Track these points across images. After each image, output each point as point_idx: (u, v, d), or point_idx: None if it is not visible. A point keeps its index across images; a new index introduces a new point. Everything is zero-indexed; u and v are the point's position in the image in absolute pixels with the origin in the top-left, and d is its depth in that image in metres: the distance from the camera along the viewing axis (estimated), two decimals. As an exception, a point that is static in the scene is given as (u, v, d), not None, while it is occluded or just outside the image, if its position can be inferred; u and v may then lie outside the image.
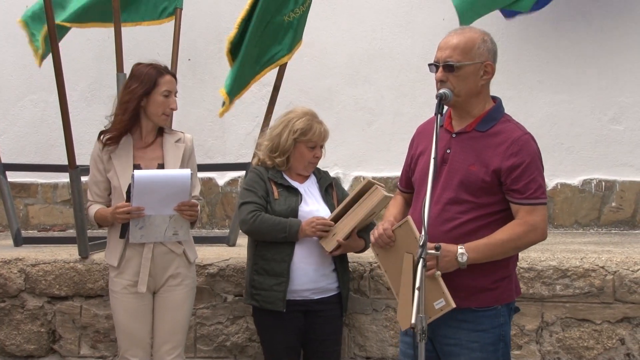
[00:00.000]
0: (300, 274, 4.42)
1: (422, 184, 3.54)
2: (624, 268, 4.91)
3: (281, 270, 4.39)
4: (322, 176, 4.68)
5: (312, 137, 4.49)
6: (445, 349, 3.58)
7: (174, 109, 4.47)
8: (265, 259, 4.44)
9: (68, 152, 5.35)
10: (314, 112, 4.61)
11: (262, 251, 4.46)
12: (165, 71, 4.45)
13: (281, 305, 4.39)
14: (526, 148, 3.51)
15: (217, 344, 5.27)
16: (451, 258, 3.40)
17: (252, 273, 4.49)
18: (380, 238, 3.58)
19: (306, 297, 4.45)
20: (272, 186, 4.49)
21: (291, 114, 4.57)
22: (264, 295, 4.43)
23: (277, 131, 4.54)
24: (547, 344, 4.97)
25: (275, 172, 4.53)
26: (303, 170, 4.58)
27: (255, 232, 4.44)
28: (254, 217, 4.39)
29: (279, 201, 4.46)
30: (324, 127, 4.55)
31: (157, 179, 4.30)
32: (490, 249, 3.46)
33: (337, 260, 4.52)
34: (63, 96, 5.24)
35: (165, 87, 4.39)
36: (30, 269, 5.39)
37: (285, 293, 4.39)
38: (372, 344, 5.12)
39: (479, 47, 3.53)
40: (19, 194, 7.41)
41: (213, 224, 7.30)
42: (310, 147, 4.52)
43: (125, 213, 4.27)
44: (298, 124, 4.50)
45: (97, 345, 5.36)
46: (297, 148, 4.51)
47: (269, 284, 4.41)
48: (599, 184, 6.87)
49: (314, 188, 4.61)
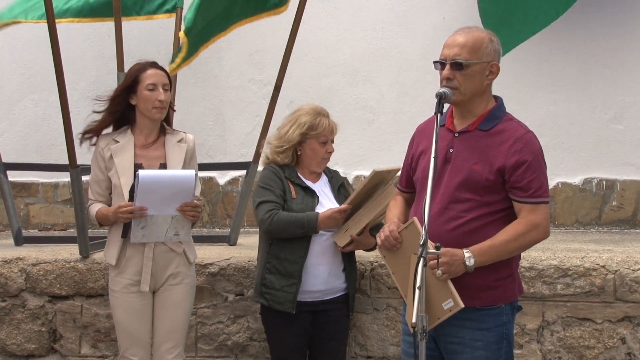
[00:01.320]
0: (312, 276, 4.41)
1: (424, 182, 3.52)
2: (624, 267, 4.91)
3: (293, 271, 4.38)
4: (333, 175, 4.68)
5: (322, 132, 4.48)
6: (449, 347, 3.58)
7: (162, 101, 4.39)
8: (278, 259, 4.42)
9: (69, 151, 5.34)
10: (321, 108, 4.60)
11: (276, 250, 4.44)
12: (150, 66, 4.45)
13: (290, 306, 4.37)
14: (529, 146, 3.52)
15: (218, 343, 5.27)
16: (459, 263, 3.41)
17: (264, 271, 4.46)
18: (387, 240, 3.58)
19: (316, 298, 4.45)
20: (289, 185, 4.48)
21: (299, 111, 4.56)
22: (274, 295, 4.41)
23: (285, 129, 4.54)
24: (548, 343, 4.97)
25: (291, 170, 4.52)
26: (317, 166, 4.56)
27: (274, 230, 4.41)
28: (271, 216, 4.37)
29: (296, 200, 4.44)
30: (331, 121, 4.55)
31: (161, 179, 4.30)
32: (496, 250, 3.47)
33: (345, 259, 4.52)
34: (64, 95, 5.24)
35: (149, 81, 4.38)
36: (31, 269, 5.39)
37: (296, 295, 4.37)
38: (373, 343, 5.12)
39: (486, 46, 3.54)
40: (19, 193, 7.40)
41: (214, 223, 7.30)
42: (322, 142, 4.50)
43: (128, 213, 4.27)
44: (305, 118, 4.49)
45: (98, 344, 5.36)
46: (308, 144, 4.50)
47: (280, 284, 4.40)
48: (599, 183, 6.87)
49: (326, 188, 4.61)
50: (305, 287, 4.40)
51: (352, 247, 4.46)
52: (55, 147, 7.24)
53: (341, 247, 4.43)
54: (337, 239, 4.43)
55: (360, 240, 4.43)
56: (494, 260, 3.48)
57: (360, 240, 4.43)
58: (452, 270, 3.40)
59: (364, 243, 4.48)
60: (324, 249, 4.44)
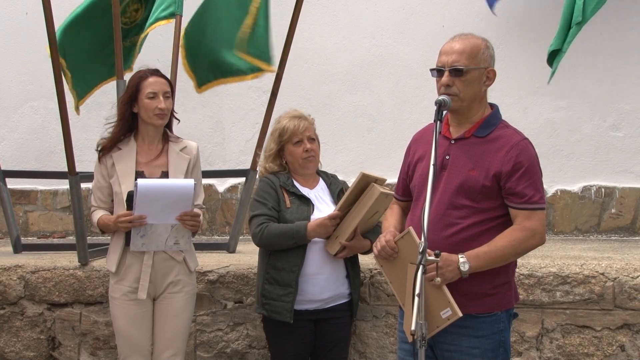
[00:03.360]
0: (312, 285, 4.39)
1: (422, 189, 3.54)
2: (623, 275, 4.91)
3: (290, 281, 4.36)
4: (331, 181, 4.67)
5: (291, 134, 4.47)
6: (446, 355, 3.58)
7: (163, 109, 4.39)
8: (276, 269, 4.41)
9: (68, 158, 5.34)
10: (294, 111, 4.61)
11: (273, 260, 4.43)
12: (150, 74, 4.46)
13: (288, 316, 4.35)
14: (525, 153, 3.53)
15: (217, 351, 5.26)
16: (453, 268, 3.41)
17: (264, 282, 4.46)
18: (384, 250, 3.58)
19: (319, 306, 4.43)
20: (283, 194, 4.47)
21: (276, 124, 4.60)
22: (272, 305, 4.40)
23: (266, 142, 4.62)
24: (547, 350, 4.96)
25: (286, 179, 4.51)
26: (301, 168, 4.54)
27: (265, 244, 4.42)
28: (261, 230, 4.38)
29: (291, 209, 4.43)
30: (300, 121, 4.52)
31: (161, 188, 4.30)
32: (491, 256, 3.46)
33: (349, 265, 4.49)
34: (63, 103, 5.24)
35: (149, 89, 4.39)
36: (30, 276, 5.39)
37: (293, 304, 4.35)
38: (372, 350, 5.12)
39: (483, 52, 3.56)
40: (18, 200, 7.41)
41: (213, 230, 7.30)
42: (296, 143, 4.50)
43: (128, 222, 4.27)
44: (275, 127, 4.56)
45: (97, 352, 5.36)
46: (287, 150, 4.51)
47: (278, 294, 4.38)
48: (598, 191, 6.87)
49: (324, 194, 4.60)
50: (306, 296, 4.38)
51: (346, 253, 4.42)
52: (54, 155, 7.25)
53: (333, 255, 4.41)
54: (328, 247, 4.41)
55: (353, 245, 4.40)
56: (490, 266, 3.48)
57: (353, 245, 4.40)
58: (447, 275, 3.40)
59: (358, 247, 4.45)
60: (324, 258, 4.42)
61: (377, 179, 4.38)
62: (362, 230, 4.42)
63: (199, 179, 4.55)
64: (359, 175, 4.32)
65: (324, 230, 4.36)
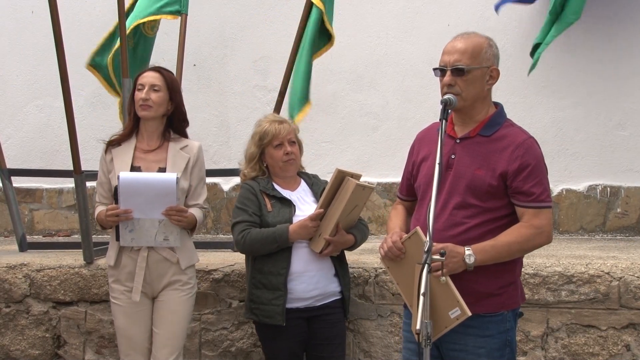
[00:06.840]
0: (300, 283, 4.38)
1: (427, 189, 3.53)
2: (629, 274, 4.90)
3: (278, 284, 4.35)
4: (313, 181, 4.66)
5: (272, 137, 4.48)
6: (452, 354, 3.58)
7: (144, 99, 4.37)
8: (262, 273, 4.41)
9: (73, 157, 5.35)
10: (273, 115, 4.68)
11: (259, 264, 4.42)
12: (149, 69, 4.50)
13: (280, 319, 4.35)
14: (531, 151, 3.53)
15: (222, 350, 5.26)
16: (459, 259, 3.41)
17: (251, 287, 4.46)
18: (391, 251, 3.56)
19: (310, 304, 4.43)
20: (264, 198, 4.46)
21: (257, 127, 4.60)
22: (262, 310, 4.39)
23: (247, 147, 4.60)
24: (552, 350, 4.96)
25: (266, 183, 4.50)
26: (281, 171, 4.53)
27: (249, 250, 4.42)
28: (243, 237, 4.37)
29: (272, 213, 4.42)
30: (281, 124, 4.53)
31: (140, 181, 4.31)
32: (497, 250, 3.46)
33: (336, 263, 4.50)
34: (68, 101, 5.25)
35: (139, 82, 4.44)
36: (35, 274, 5.40)
37: (284, 307, 4.35)
38: (377, 349, 5.12)
39: (485, 51, 3.54)
40: (24, 199, 7.43)
41: (218, 229, 7.31)
42: (276, 146, 4.49)
43: (114, 215, 4.29)
44: (255, 131, 4.55)
45: (102, 350, 5.37)
46: (267, 153, 4.51)
47: (268, 298, 4.38)
48: (604, 190, 6.86)
49: (307, 194, 4.58)
50: (295, 294, 4.37)
51: (331, 249, 4.39)
52: (59, 153, 7.26)
53: (319, 253, 4.40)
54: (312, 245, 4.40)
55: (336, 240, 4.38)
56: (495, 261, 3.48)
57: (336, 240, 4.38)
58: (452, 266, 3.40)
59: (342, 242, 4.43)
60: (310, 256, 4.41)
61: (352, 175, 4.38)
62: (344, 226, 4.40)
63: (201, 179, 4.54)
64: (334, 172, 4.33)
65: (305, 231, 4.35)
